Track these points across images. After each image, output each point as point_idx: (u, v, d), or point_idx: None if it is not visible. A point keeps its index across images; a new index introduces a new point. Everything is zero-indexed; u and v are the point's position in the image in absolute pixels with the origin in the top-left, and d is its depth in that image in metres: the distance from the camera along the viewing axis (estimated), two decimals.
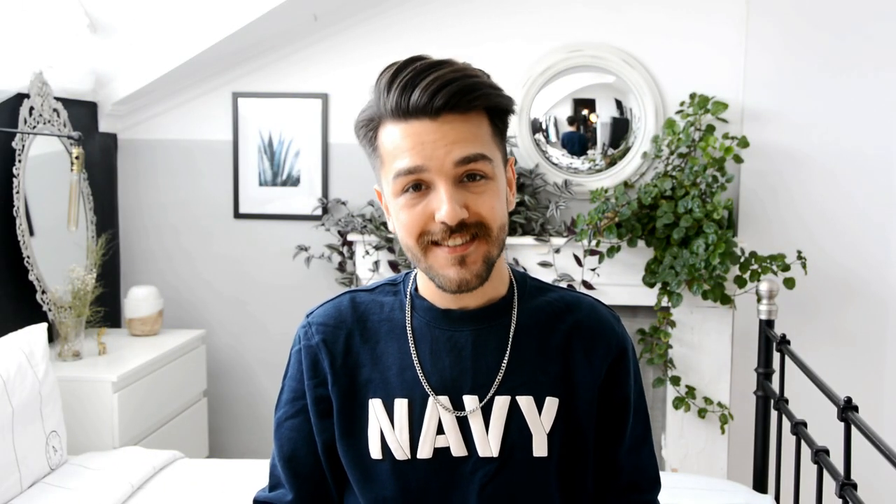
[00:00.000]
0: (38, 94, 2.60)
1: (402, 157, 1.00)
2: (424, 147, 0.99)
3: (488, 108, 1.03)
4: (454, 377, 1.09)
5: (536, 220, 2.88)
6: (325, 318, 1.15)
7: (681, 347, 2.86)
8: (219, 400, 3.24)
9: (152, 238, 3.21)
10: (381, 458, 1.09)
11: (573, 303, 1.15)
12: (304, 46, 3.07)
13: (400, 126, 1.01)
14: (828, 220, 2.95)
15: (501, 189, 1.05)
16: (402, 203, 1.03)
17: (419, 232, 1.02)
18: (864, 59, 2.89)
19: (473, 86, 1.00)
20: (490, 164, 1.02)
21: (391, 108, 1.00)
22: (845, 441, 1.72)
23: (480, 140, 1.01)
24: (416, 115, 0.99)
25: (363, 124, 1.06)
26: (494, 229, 1.03)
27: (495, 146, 1.04)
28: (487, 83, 1.02)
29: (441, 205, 0.99)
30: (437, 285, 1.06)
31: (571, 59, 2.94)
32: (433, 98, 0.98)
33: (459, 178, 1.01)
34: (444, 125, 0.99)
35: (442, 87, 0.98)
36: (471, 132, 1.01)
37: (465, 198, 1.01)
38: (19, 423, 1.99)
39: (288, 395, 1.17)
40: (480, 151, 1.01)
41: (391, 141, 1.02)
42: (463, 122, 1.00)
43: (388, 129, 1.02)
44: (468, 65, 1.03)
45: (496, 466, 1.08)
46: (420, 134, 0.99)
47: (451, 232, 1.01)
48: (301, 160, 3.11)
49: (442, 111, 0.99)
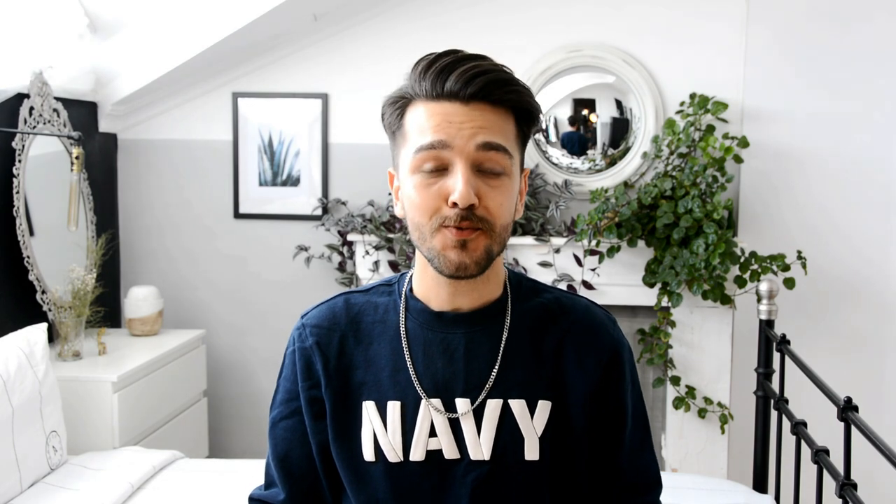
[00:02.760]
0: (38, 94, 2.60)
1: (427, 133, 1.02)
2: (451, 126, 1.01)
3: (516, 110, 1.05)
4: (447, 380, 1.09)
5: (536, 220, 2.88)
6: (318, 320, 1.16)
7: (681, 347, 2.86)
8: (219, 400, 3.24)
9: (152, 238, 3.21)
10: (373, 461, 1.10)
11: (568, 305, 1.15)
12: (304, 46, 3.07)
13: (430, 105, 1.03)
14: (828, 220, 2.95)
15: (514, 190, 1.06)
16: (417, 181, 1.03)
17: (431, 212, 1.03)
18: (863, 58, 2.89)
19: (508, 80, 1.03)
20: (509, 160, 1.04)
21: (426, 88, 1.03)
22: (845, 441, 1.72)
23: (505, 134, 1.03)
24: (449, 98, 1.02)
25: (392, 101, 1.07)
26: (498, 226, 1.04)
27: (516, 147, 1.06)
28: (521, 84, 1.05)
29: (456, 185, 1.00)
30: (435, 268, 1.05)
31: (571, 59, 2.94)
32: (468, 84, 1.01)
33: (478, 166, 1.02)
34: (474, 111, 1.02)
35: (478, 75, 1.01)
36: (497, 124, 1.03)
37: (479, 187, 1.02)
38: (19, 423, 1.99)
39: (282, 395, 1.18)
40: (503, 143, 1.03)
41: (419, 117, 1.04)
42: (492, 113, 1.03)
43: (417, 108, 1.04)
44: (505, 65, 1.06)
45: (488, 469, 1.08)
46: (449, 114, 1.01)
47: (462, 218, 1.01)
48: (301, 160, 3.11)
49: (474, 98, 1.01)
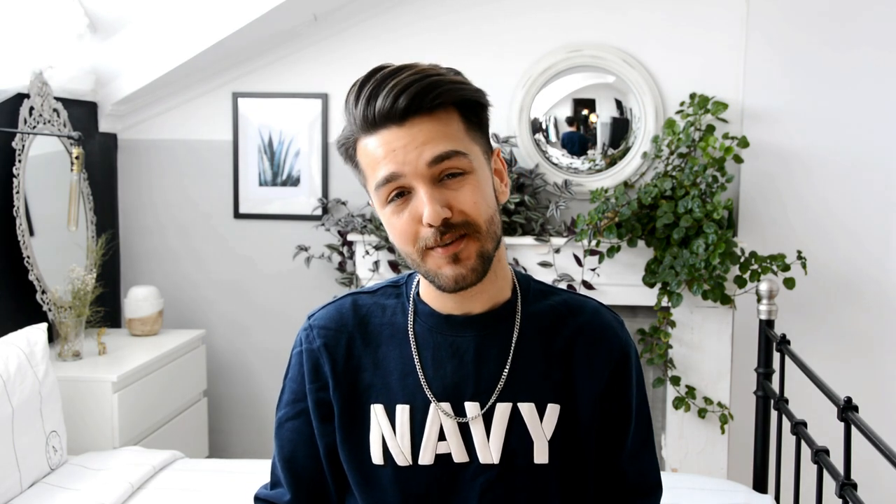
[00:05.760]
0: (38, 94, 2.60)
1: (378, 168, 1.01)
2: (396, 153, 0.99)
3: (457, 104, 1.02)
4: (456, 383, 1.09)
5: (536, 220, 2.88)
6: (326, 322, 1.15)
7: (681, 347, 2.86)
8: (219, 400, 3.24)
9: (152, 238, 3.21)
10: (382, 464, 1.09)
11: (576, 307, 1.15)
12: (304, 46, 3.07)
13: (372, 137, 1.01)
14: (828, 220, 2.95)
15: (484, 182, 1.04)
16: (389, 212, 1.03)
17: (412, 238, 1.02)
18: (863, 58, 2.88)
19: (434, 84, 0.99)
20: (466, 158, 1.01)
21: (360, 121, 1.01)
22: (845, 441, 1.71)
23: (451, 137, 1.01)
24: (384, 124, 1.00)
25: (342, 144, 1.06)
26: (482, 224, 1.02)
27: (471, 140, 1.03)
28: (449, 79, 1.01)
29: (423, 207, 0.99)
30: (437, 286, 1.05)
31: (571, 59, 2.94)
32: (396, 102, 0.98)
33: (438, 178, 1.00)
34: (412, 128, 0.99)
35: (402, 90, 0.98)
36: (440, 131, 1.00)
37: (447, 196, 1.00)
38: (19, 423, 1.99)
39: (288, 396, 1.17)
40: (453, 148, 1.00)
41: (367, 154, 1.02)
42: (431, 122, 1.00)
43: (362, 144, 1.03)
44: (434, 65, 1.03)
45: (497, 473, 1.07)
46: (390, 141, 1.00)
47: (441, 234, 1.00)
48: (301, 160, 3.11)
49: (407, 114, 0.99)
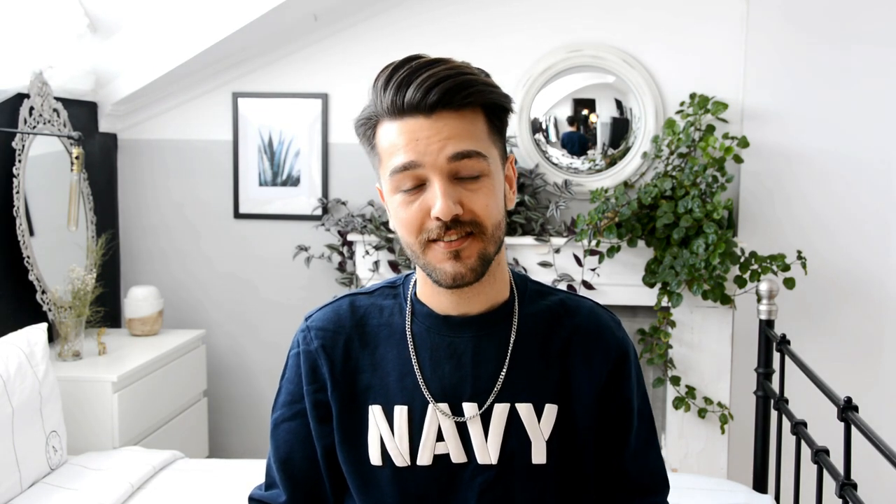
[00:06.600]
0: (38, 94, 2.60)
1: (397, 154, 1.01)
2: (419, 143, 0.99)
3: (484, 106, 1.03)
4: (454, 384, 1.09)
5: (536, 220, 2.88)
6: (323, 323, 1.15)
7: (681, 347, 2.86)
8: (219, 400, 3.24)
9: (152, 238, 3.21)
10: (381, 465, 1.09)
11: (573, 307, 1.15)
12: (304, 46, 3.07)
13: (395, 124, 1.01)
14: (828, 220, 2.95)
15: (497, 187, 1.04)
16: (399, 200, 1.03)
17: (417, 229, 1.02)
18: (863, 58, 2.88)
19: (468, 83, 1.00)
20: (485, 161, 1.01)
21: (387, 106, 1.01)
22: (845, 441, 1.72)
23: (475, 137, 1.01)
24: (411, 113, 1.00)
25: (361, 123, 1.06)
26: (489, 227, 1.02)
27: (492, 144, 1.04)
28: (483, 80, 1.02)
29: (435, 200, 0.99)
30: (433, 281, 1.05)
31: (571, 59, 2.94)
32: (427, 95, 0.98)
33: (454, 175, 1.01)
34: (439, 122, 0.99)
35: (436, 83, 0.98)
36: (465, 129, 1.00)
37: (460, 194, 1.01)
38: (19, 423, 1.99)
39: (285, 397, 1.17)
40: (475, 148, 1.00)
41: (387, 138, 1.02)
42: (458, 119, 1.00)
43: (384, 128, 1.03)
44: (466, 63, 1.03)
45: (495, 473, 1.08)
46: (414, 131, 0.99)
47: (447, 228, 1.00)
48: (301, 160, 3.11)
49: (436, 108, 0.99)
